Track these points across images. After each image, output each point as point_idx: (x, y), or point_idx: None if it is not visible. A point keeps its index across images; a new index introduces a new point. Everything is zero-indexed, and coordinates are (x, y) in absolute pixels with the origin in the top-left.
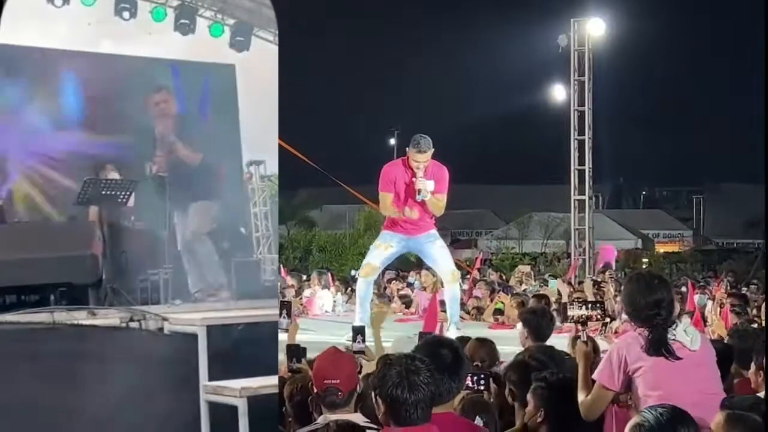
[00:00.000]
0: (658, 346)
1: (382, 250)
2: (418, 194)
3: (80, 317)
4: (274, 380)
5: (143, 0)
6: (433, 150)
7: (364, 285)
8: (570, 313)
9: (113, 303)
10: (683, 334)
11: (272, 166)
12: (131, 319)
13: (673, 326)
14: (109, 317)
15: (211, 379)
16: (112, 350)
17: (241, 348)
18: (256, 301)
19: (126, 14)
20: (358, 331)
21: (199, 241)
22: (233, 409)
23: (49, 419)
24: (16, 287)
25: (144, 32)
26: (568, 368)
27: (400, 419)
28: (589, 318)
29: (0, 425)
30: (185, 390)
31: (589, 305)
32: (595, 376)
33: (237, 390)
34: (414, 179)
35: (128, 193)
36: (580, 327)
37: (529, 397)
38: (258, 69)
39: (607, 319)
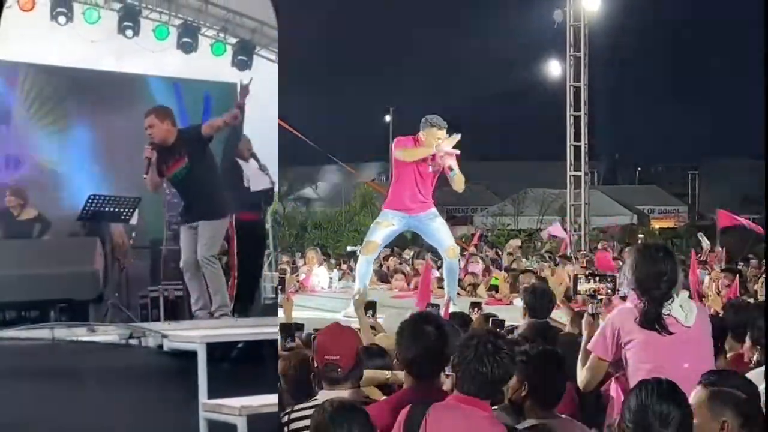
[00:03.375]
0: (651, 320)
1: (384, 228)
2: (451, 171)
3: (80, 333)
4: (274, 399)
5: (146, 18)
6: None
7: (365, 263)
8: (579, 286)
9: (113, 319)
10: (678, 309)
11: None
12: (131, 336)
13: (670, 301)
14: (109, 334)
15: (210, 397)
16: (112, 367)
17: (241, 366)
18: (256, 319)
19: (129, 32)
20: (369, 306)
21: (209, 262)
22: (233, 428)
23: None
24: (17, 303)
25: (147, 50)
26: (560, 344)
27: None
28: (597, 291)
29: None
30: (184, 408)
31: (598, 278)
32: (589, 346)
33: (237, 408)
34: (441, 157)
35: (131, 210)
36: (589, 300)
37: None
38: (260, 88)
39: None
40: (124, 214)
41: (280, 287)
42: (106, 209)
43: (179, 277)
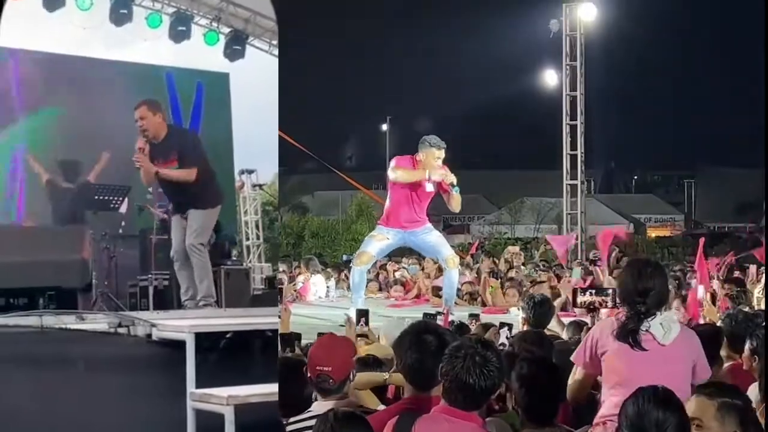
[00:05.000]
0: (627, 333)
1: (378, 241)
2: (453, 187)
3: (68, 321)
4: (261, 389)
5: (139, 6)
6: None
7: (358, 273)
8: (579, 299)
9: (102, 308)
10: (658, 326)
11: (264, 175)
12: (120, 325)
13: (652, 317)
14: (98, 322)
15: (198, 386)
16: (100, 355)
17: (230, 356)
18: (245, 309)
19: (121, 20)
20: (361, 315)
21: (197, 250)
22: (220, 418)
23: (35, 423)
24: (5, 290)
25: (139, 38)
26: (556, 353)
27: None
28: (593, 303)
29: None
30: (172, 397)
31: (596, 291)
32: (572, 357)
33: (224, 398)
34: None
35: (121, 198)
36: (588, 313)
37: (512, 381)
38: (252, 78)
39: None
40: (114, 202)
41: (278, 297)
42: (96, 197)
43: (168, 267)
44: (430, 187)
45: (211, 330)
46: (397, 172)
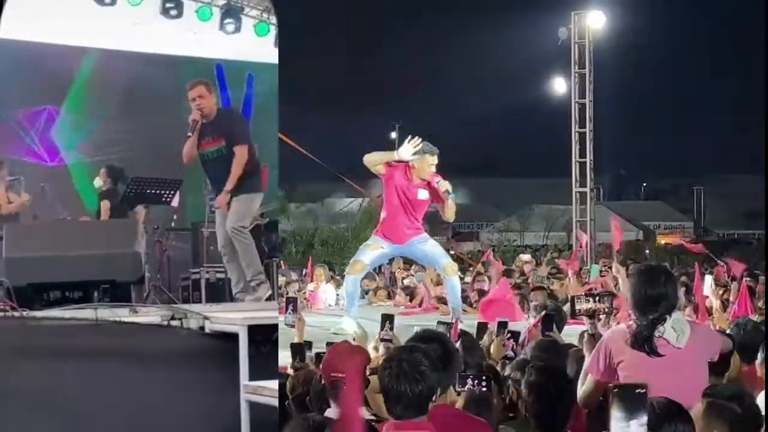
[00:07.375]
0: (642, 341)
1: (372, 250)
2: (448, 194)
3: (122, 314)
4: None
5: None
6: None
7: (352, 283)
8: (578, 306)
9: (155, 301)
10: (671, 330)
11: None
12: (173, 318)
13: (663, 322)
14: (151, 315)
15: (251, 379)
16: (153, 348)
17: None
18: None
19: (172, 13)
20: (386, 319)
21: (238, 233)
22: (273, 410)
23: (90, 415)
24: (61, 284)
25: (190, 31)
26: (571, 361)
27: (393, 411)
28: (596, 311)
29: (41, 420)
30: (225, 389)
31: (597, 298)
32: (585, 365)
33: (277, 390)
34: (437, 183)
35: (173, 192)
36: (588, 320)
37: (522, 388)
38: None
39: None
40: (166, 195)
41: (291, 307)
42: (148, 191)
43: (220, 260)
44: (423, 195)
45: (263, 323)
46: (368, 157)
